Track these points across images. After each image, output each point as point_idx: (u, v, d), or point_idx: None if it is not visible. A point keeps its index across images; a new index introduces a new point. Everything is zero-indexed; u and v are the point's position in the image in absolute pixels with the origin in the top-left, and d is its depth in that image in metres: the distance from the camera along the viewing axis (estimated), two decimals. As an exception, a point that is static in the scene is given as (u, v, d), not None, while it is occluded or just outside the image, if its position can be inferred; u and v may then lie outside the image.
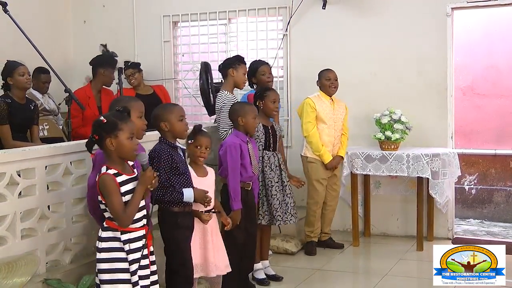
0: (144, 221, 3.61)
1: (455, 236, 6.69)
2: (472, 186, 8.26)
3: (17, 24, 5.25)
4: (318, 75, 6.23)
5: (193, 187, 4.16)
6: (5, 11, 5.31)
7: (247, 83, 5.94)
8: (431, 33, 6.53)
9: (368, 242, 6.60)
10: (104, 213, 3.56)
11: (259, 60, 6.26)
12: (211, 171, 4.51)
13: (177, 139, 4.22)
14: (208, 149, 4.39)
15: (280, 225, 5.62)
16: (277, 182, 5.33)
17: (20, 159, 3.90)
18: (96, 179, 3.50)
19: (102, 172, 3.48)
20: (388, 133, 6.18)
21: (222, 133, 5.49)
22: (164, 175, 4.01)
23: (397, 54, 6.66)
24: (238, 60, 5.70)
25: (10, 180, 3.82)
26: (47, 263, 4.11)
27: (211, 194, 4.39)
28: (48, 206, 4.15)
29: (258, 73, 5.97)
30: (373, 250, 6.45)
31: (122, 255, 3.49)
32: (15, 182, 3.86)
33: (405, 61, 6.64)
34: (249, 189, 4.92)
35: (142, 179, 3.53)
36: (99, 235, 3.57)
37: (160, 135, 4.20)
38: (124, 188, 3.49)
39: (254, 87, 6.02)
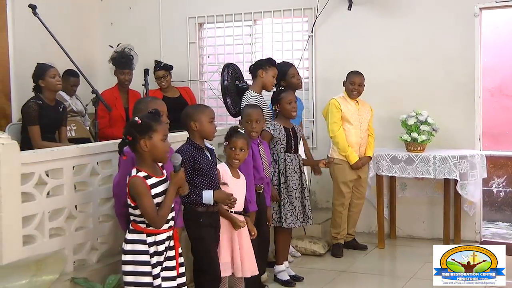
0: (171, 223, 3.60)
1: (483, 239, 6.61)
2: (500, 188, 8.16)
3: (46, 26, 5.32)
4: (347, 75, 6.18)
5: (215, 189, 4.17)
6: (35, 13, 5.39)
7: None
8: (459, 33, 6.48)
9: (394, 245, 6.55)
10: (130, 216, 3.56)
11: (285, 62, 6.19)
12: (243, 176, 4.53)
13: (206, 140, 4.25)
14: (243, 150, 4.41)
15: (303, 226, 5.60)
16: (298, 185, 5.30)
17: (49, 159, 3.95)
18: (126, 182, 3.50)
19: (132, 174, 3.48)
20: (415, 134, 6.14)
21: None
22: (186, 175, 4.03)
23: (424, 55, 6.61)
24: (269, 62, 5.68)
25: (39, 180, 3.87)
26: (74, 262, 4.16)
27: (242, 197, 4.44)
28: (76, 206, 4.20)
29: (288, 76, 5.92)
30: (398, 252, 6.41)
31: (146, 258, 3.49)
32: (43, 182, 3.91)
33: (432, 62, 6.59)
34: (261, 191, 4.86)
35: (174, 180, 3.53)
36: (126, 237, 3.58)
37: (187, 136, 4.22)
38: (154, 191, 3.50)
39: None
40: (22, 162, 3.69)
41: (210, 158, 4.23)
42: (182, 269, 3.66)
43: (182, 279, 3.65)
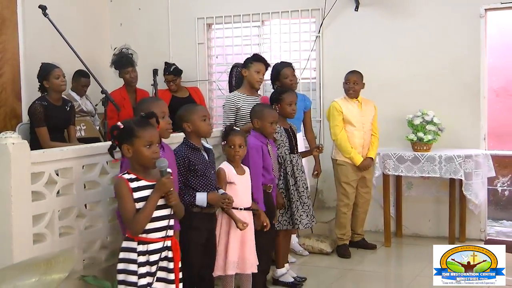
0: (165, 232, 3.42)
1: (487, 237, 6.64)
2: (505, 187, 8.19)
3: (56, 27, 5.38)
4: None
5: (212, 190, 4.16)
6: (45, 14, 5.45)
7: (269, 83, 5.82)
8: (464, 34, 6.51)
9: (400, 243, 6.60)
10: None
11: (281, 62, 6.03)
12: (247, 170, 4.56)
13: (205, 140, 4.29)
14: (242, 147, 4.44)
15: (310, 227, 5.59)
16: (306, 184, 5.28)
17: (58, 159, 3.98)
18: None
19: (118, 175, 3.43)
20: (421, 134, 6.18)
21: None
22: (181, 177, 4.07)
23: (430, 56, 6.65)
24: (252, 58, 5.52)
25: (49, 179, 3.90)
26: (84, 260, 4.19)
27: (249, 192, 4.49)
28: (85, 205, 4.24)
29: (281, 76, 5.76)
30: (405, 251, 6.45)
31: (134, 267, 3.35)
32: (53, 181, 3.94)
33: (438, 63, 6.63)
34: (270, 191, 4.84)
35: (157, 186, 3.36)
36: (121, 245, 3.47)
37: (184, 136, 4.26)
38: (138, 194, 3.36)
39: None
40: (32, 162, 3.72)
41: (207, 158, 4.22)
42: (181, 286, 3.50)
43: None
